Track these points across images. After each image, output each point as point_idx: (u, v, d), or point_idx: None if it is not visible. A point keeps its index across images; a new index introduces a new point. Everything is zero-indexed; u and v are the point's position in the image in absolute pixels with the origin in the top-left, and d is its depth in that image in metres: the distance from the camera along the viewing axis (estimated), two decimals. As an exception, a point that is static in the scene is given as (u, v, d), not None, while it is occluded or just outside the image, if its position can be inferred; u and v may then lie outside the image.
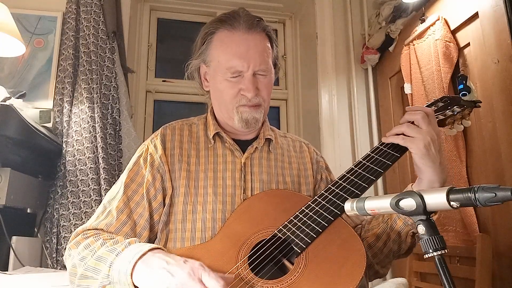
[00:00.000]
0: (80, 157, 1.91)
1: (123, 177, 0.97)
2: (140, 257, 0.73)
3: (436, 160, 0.84)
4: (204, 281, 0.68)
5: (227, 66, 0.95)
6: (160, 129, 1.04)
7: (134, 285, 0.72)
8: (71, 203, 1.86)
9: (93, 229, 0.88)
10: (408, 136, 0.85)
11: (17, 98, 1.87)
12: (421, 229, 0.59)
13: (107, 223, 0.88)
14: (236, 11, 1.00)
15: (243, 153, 1.01)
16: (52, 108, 2.03)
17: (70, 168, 1.90)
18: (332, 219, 0.82)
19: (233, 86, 0.96)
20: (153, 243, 0.94)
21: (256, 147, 1.03)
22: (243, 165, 0.99)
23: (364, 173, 0.88)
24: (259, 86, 0.97)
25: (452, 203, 0.56)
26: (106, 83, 2.08)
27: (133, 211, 0.91)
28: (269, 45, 1.01)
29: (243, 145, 1.03)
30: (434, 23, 1.80)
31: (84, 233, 0.88)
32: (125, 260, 0.73)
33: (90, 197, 1.86)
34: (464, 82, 1.03)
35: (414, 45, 1.94)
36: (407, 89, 1.96)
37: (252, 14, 1.00)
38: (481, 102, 1.02)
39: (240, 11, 0.99)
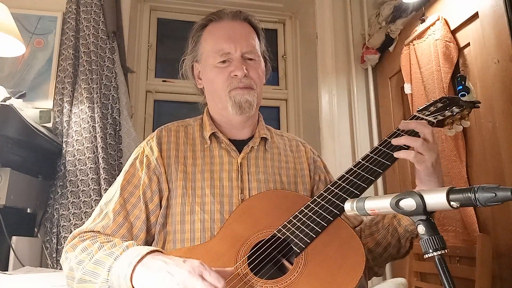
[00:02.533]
0: (80, 157, 1.91)
1: (119, 179, 0.97)
2: (139, 261, 0.73)
3: (440, 174, 0.86)
4: (205, 278, 0.68)
5: (216, 49, 0.99)
6: (156, 131, 1.05)
7: None
8: (71, 203, 1.86)
9: (90, 232, 0.88)
10: (420, 154, 0.84)
11: (17, 98, 1.87)
12: (421, 229, 0.59)
13: (103, 225, 0.88)
14: (222, 9, 1.05)
15: (239, 153, 1.01)
16: (52, 108, 2.03)
17: (70, 168, 1.90)
18: (332, 219, 0.82)
19: (223, 71, 0.98)
20: (151, 245, 0.94)
21: (252, 146, 1.03)
22: (239, 165, 0.99)
23: (363, 173, 0.88)
24: (248, 68, 0.98)
25: (452, 203, 0.56)
26: (106, 83, 2.08)
27: (130, 213, 0.91)
28: (255, 35, 1.04)
29: (239, 145, 1.03)
30: (434, 23, 1.80)
31: (81, 235, 0.88)
32: (124, 264, 0.73)
33: (90, 197, 1.86)
34: (463, 82, 1.03)
35: (414, 45, 1.94)
36: (407, 89, 1.96)
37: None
38: (480, 102, 1.02)
39: (226, 9, 1.05)
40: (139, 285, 0.71)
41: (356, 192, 0.85)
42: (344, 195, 0.85)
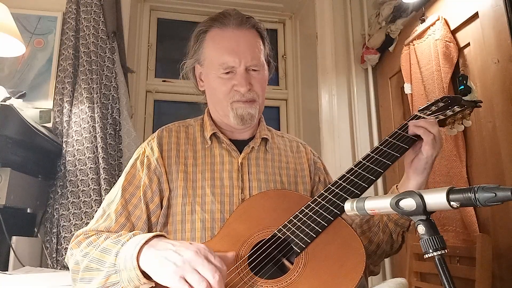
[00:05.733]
0: (80, 157, 1.91)
1: (121, 180, 0.97)
2: (146, 242, 0.74)
3: (430, 169, 0.90)
4: (210, 260, 0.69)
5: (219, 62, 0.97)
6: (157, 131, 1.05)
7: (140, 269, 0.72)
8: (71, 203, 1.86)
9: (94, 231, 0.89)
10: (434, 140, 0.87)
11: (17, 98, 1.87)
12: (421, 229, 0.59)
13: (106, 226, 0.89)
14: (226, 10, 1.01)
15: (240, 153, 1.01)
16: (52, 108, 2.03)
17: (70, 168, 1.90)
18: (332, 219, 0.82)
19: (226, 82, 0.97)
20: None
21: (253, 146, 1.03)
22: (240, 165, 1.00)
23: (364, 173, 0.88)
24: (252, 81, 0.97)
25: (452, 203, 0.56)
26: (106, 83, 2.08)
27: (131, 214, 0.92)
28: (260, 42, 1.02)
29: (240, 145, 1.03)
30: (434, 23, 1.80)
31: (85, 233, 0.89)
32: (131, 247, 0.74)
33: (90, 197, 1.86)
34: (464, 82, 1.03)
35: (414, 45, 1.94)
36: (407, 89, 1.96)
37: (242, 13, 1.02)
38: (481, 102, 1.02)
39: (230, 10, 1.01)
40: (145, 264, 0.71)
41: (356, 191, 0.85)
42: (345, 195, 0.85)
